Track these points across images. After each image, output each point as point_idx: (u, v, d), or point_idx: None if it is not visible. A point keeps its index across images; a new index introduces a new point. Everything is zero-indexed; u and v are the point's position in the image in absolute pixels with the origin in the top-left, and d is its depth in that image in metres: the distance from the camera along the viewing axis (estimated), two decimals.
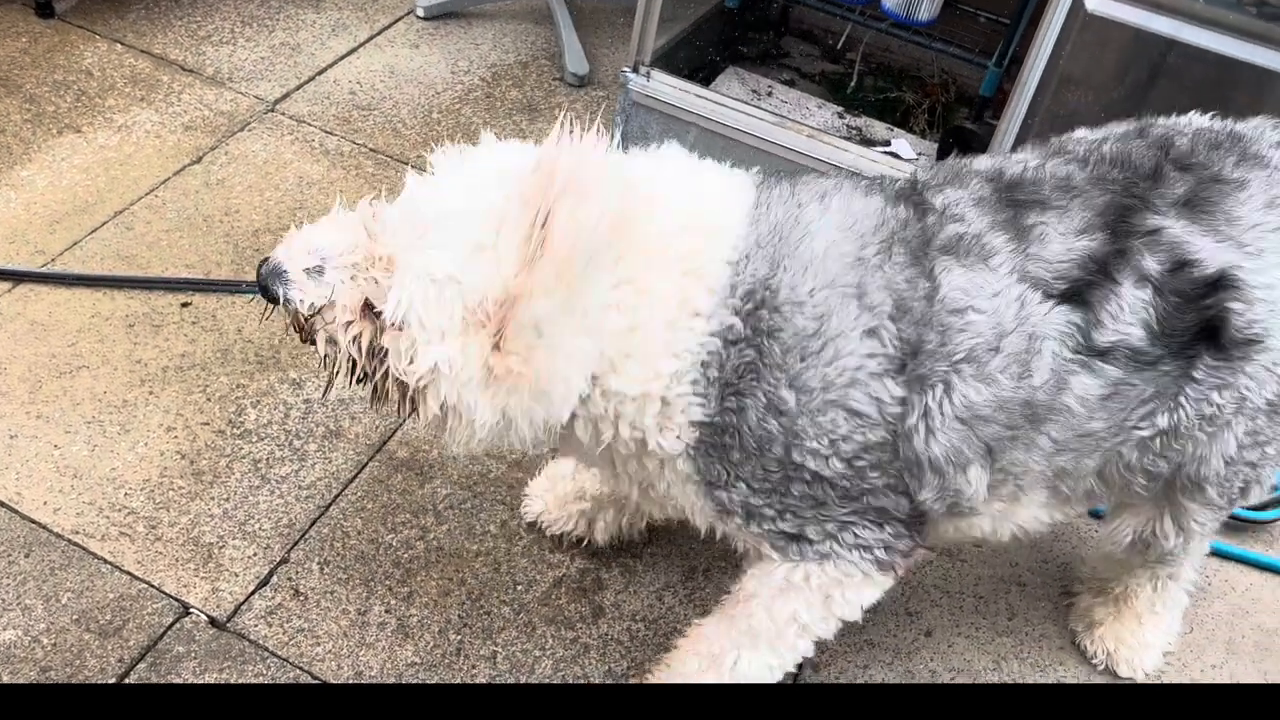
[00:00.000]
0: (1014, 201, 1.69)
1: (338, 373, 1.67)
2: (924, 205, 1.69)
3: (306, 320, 1.64)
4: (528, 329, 1.51)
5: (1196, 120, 1.85)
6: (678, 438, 1.65)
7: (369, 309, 1.59)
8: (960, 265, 1.63)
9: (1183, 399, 1.71)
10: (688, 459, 1.68)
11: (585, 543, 2.32)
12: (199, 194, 3.02)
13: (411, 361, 1.56)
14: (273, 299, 1.63)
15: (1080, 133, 1.89)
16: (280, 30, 3.67)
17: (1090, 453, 1.75)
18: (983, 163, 1.80)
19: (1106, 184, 1.70)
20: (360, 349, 1.61)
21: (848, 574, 1.76)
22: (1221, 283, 1.64)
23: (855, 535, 1.73)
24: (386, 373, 1.61)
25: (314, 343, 1.66)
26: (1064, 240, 1.64)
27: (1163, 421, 1.73)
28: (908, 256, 1.63)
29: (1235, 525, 2.56)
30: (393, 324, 1.55)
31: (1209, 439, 1.78)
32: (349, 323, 1.61)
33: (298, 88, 3.44)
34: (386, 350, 1.59)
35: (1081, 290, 1.63)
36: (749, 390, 1.61)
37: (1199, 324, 1.65)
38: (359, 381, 1.67)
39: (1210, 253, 1.65)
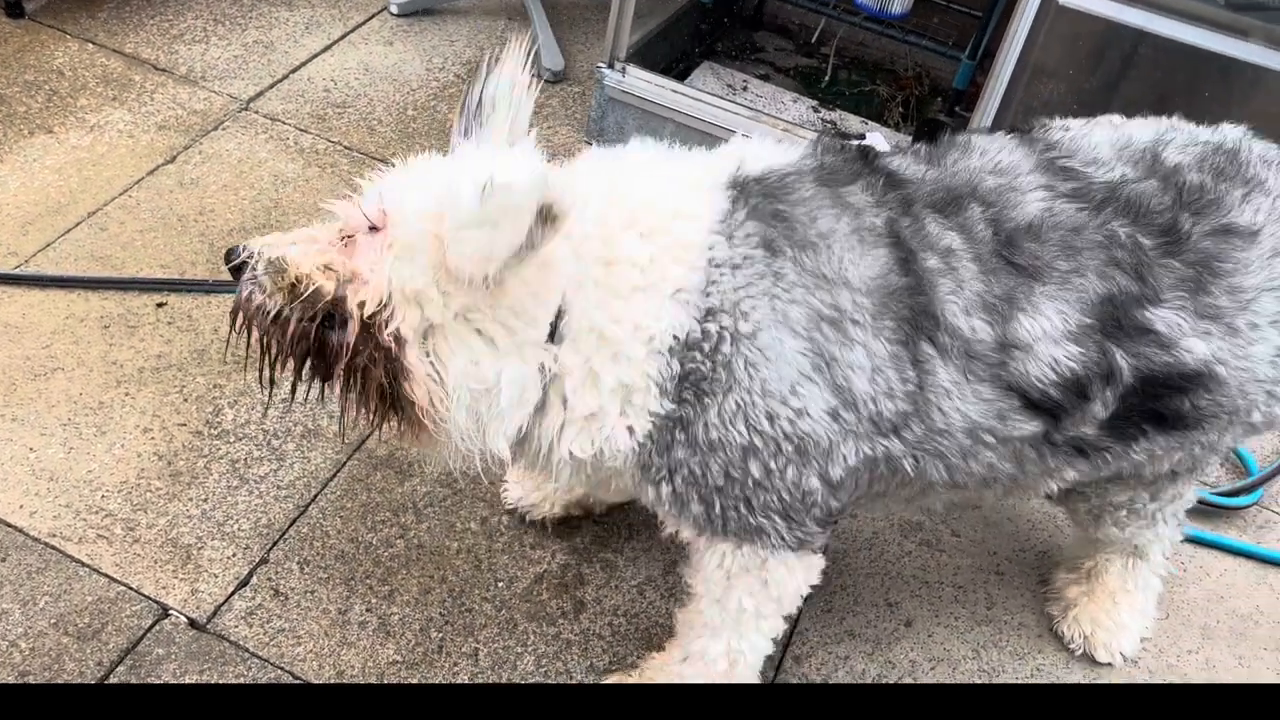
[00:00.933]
0: (1014, 267, 1.63)
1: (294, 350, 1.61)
2: (913, 262, 1.62)
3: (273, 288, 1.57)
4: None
5: (1197, 134, 1.82)
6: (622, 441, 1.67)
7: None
8: (944, 365, 1.62)
9: (1124, 463, 1.80)
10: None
11: (561, 521, 2.33)
12: (173, 194, 3.00)
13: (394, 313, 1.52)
14: (236, 263, 1.58)
15: (1098, 135, 1.80)
16: (253, 28, 3.65)
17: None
18: (988, 183, 1.70)
19: (1112, 250, 1.64)
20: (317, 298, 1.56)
21: (767, 557, 1.79)
22: (1194, 381, 1.67)
23: (773, 525, 1.74)
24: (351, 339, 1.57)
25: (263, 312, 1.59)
26: (1051, 351, 1.62)
27: (1084, 476, 1.84)
28: (900, 336, 1.61)
29: (1210, 511, 2.58)
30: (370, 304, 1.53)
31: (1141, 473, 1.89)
32: (316, 269, 1.55)
33: (271, 86, 3.43)
34: (346, 304, 1.54)
35: (1055, 410, 1.66)
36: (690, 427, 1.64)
37: (1151, 414, 1.70)
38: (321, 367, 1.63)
39: (1196, 353, 1.65)
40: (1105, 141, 1.78)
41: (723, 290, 1.58)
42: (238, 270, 1.59)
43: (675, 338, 1.58)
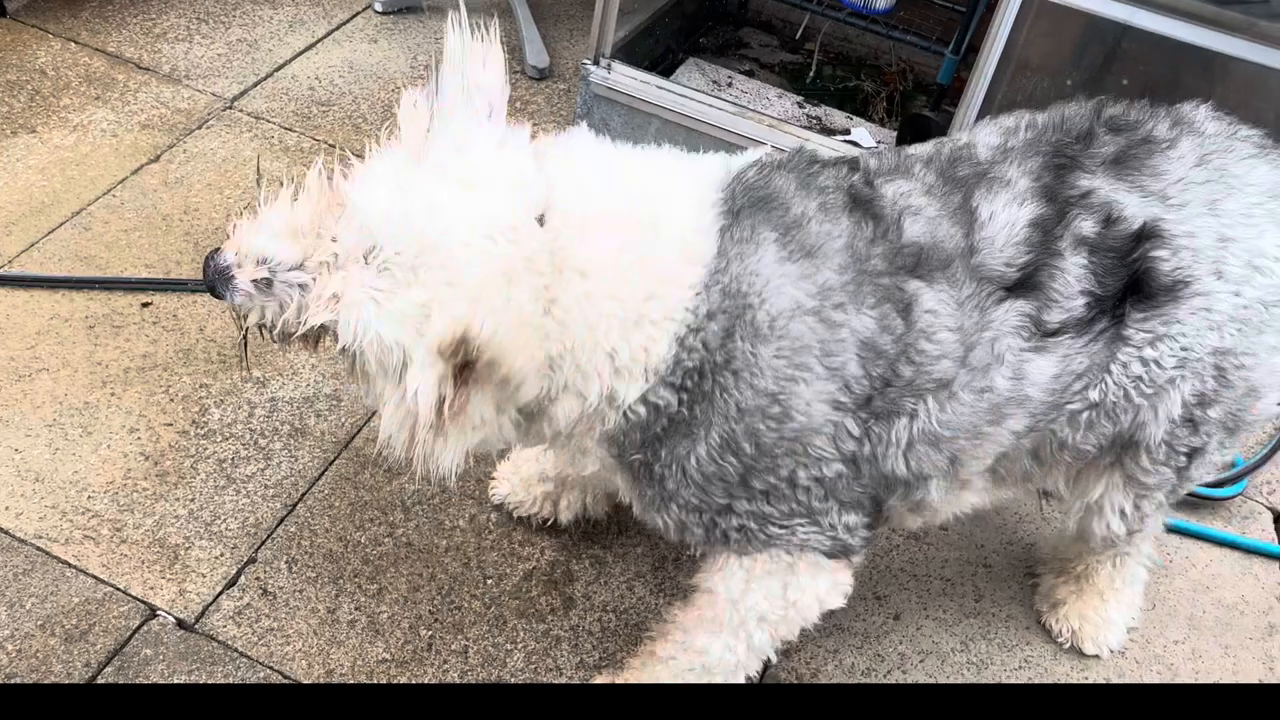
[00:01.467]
0: (957, 180, 1.70)
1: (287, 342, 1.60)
2: (878, 209, 1.66)
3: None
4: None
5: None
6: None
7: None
8: (927, 285, 1.63)
9: (1113, 365, 1.74)
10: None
11: (551, 523, 2.33)
12: (157, 193, 2.99)
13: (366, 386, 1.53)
14: (219, 297, 1.57)
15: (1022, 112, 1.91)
16: (237, 26, 3.64)
17: (1032, 433, 1.79)
18: (921, 148, 1.81)
19: (1040, 146, 1.74)
20: (310, 345, 1.58)
21: (794, 562, 1.78)
22: (1144, 234, 1.67)
23: (800, 534, 1.74)
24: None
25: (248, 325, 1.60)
26: (1007, 213, 1.66)
27: (1094, 395, 1.76)
28: (877, 295, 1.61)
29: (1195, 503, 2.60)
30: (345, 349, 1.49)
31: (1148, 400, 1.79)
32: (297, 333, 1.55)
33: (256, 84, 3.42)
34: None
35: (1032, 274, 1.65)
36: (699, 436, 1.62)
37: (1128, 279, 1.68)
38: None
39: (1135, 208, 1.68)
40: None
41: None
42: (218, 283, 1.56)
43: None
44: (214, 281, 1.55)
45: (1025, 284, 1.65)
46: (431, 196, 1.47)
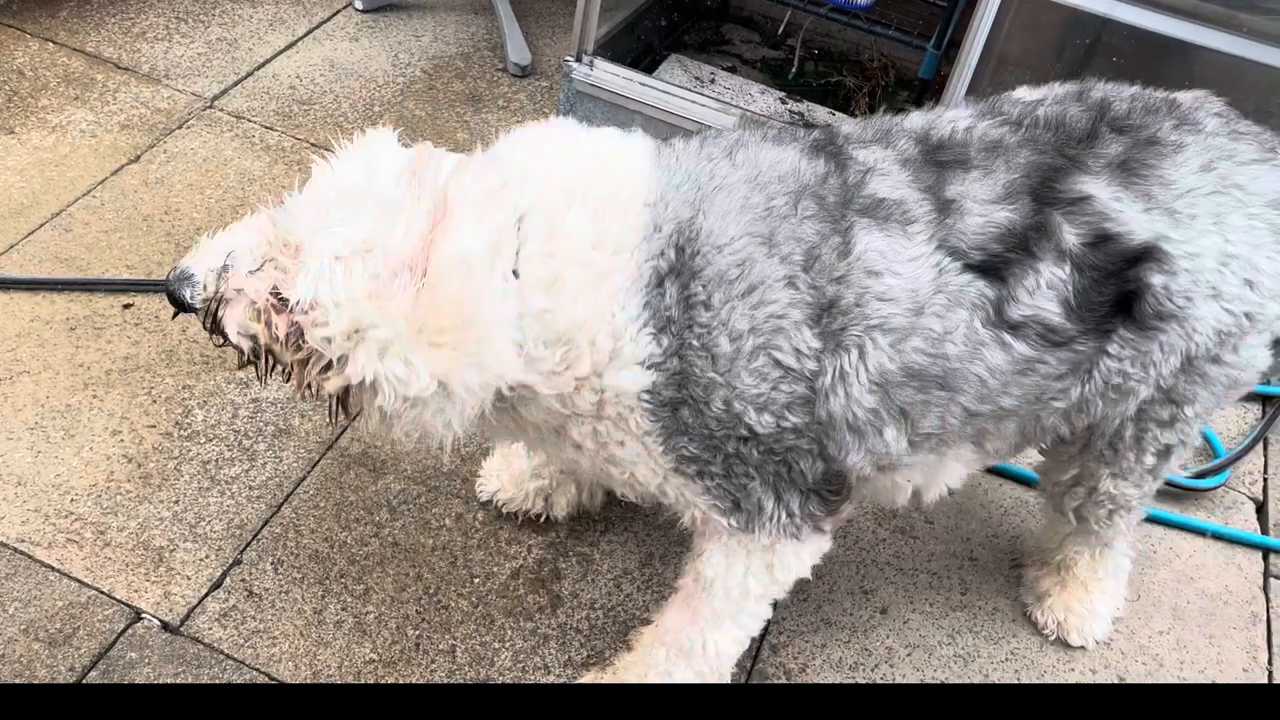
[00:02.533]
0: (939, 163, 1.69)
1: (263, 368, 1.66)
2: (844, 160, 1.68)
3: (216, 318, 1.62)
4: (455, 267, 1.50)
5: (1136, 89, 1.86)
6: (634, 377, 1.63)
7: (281, 301, 1.57)
8: (879, 229, 1.63)
9: (1095, 372, 1.75)
10: (644, 413, 1.66)
11: (543, 518, 2.33)
12: (138, 193, 2.97)
13: (328, 328, 1.53)
14: (179, 303, 1.63)
15: (1020, 92, 1.89)
16: (216, 25, 3.62)
17: (1007, 419, 1.79)
18: (915, 120, 1.80)
19: (1037, 145, 1.71)
20: (275, 337, 1.59)
21: (779, 539, 1.78)
22: (1146, 256, 1.66)
23: (780, 501, 1.74)
24: (308, 361, 1.58)
25: (228, 340, 1.64)
26: (984, 210, 1.64)
27: (1075, 394, 1.78)
28: (818, 209, 1.62)
29: (1178, 494, 2.61)
30: (301, 306, 1.54)
31: (1114, 404, 1.82)
32: (259, 310, 1.59)
33: (236, 83, 3.40)
34: (303, 334, 1.56)
35: (998, 266, 1.64)
36: (686, 334, 1.60)
37: (1117, 297, 1.67)
38: (285, 378, 1.65)
39: (1139, 223, 1.66)
40: (1028, 91, 1.88)
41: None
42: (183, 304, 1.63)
43: None
44: (174, 288, 1.62)
45: (991, 271, 1.64)
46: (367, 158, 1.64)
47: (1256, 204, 1.72)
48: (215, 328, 1.64)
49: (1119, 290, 1.67)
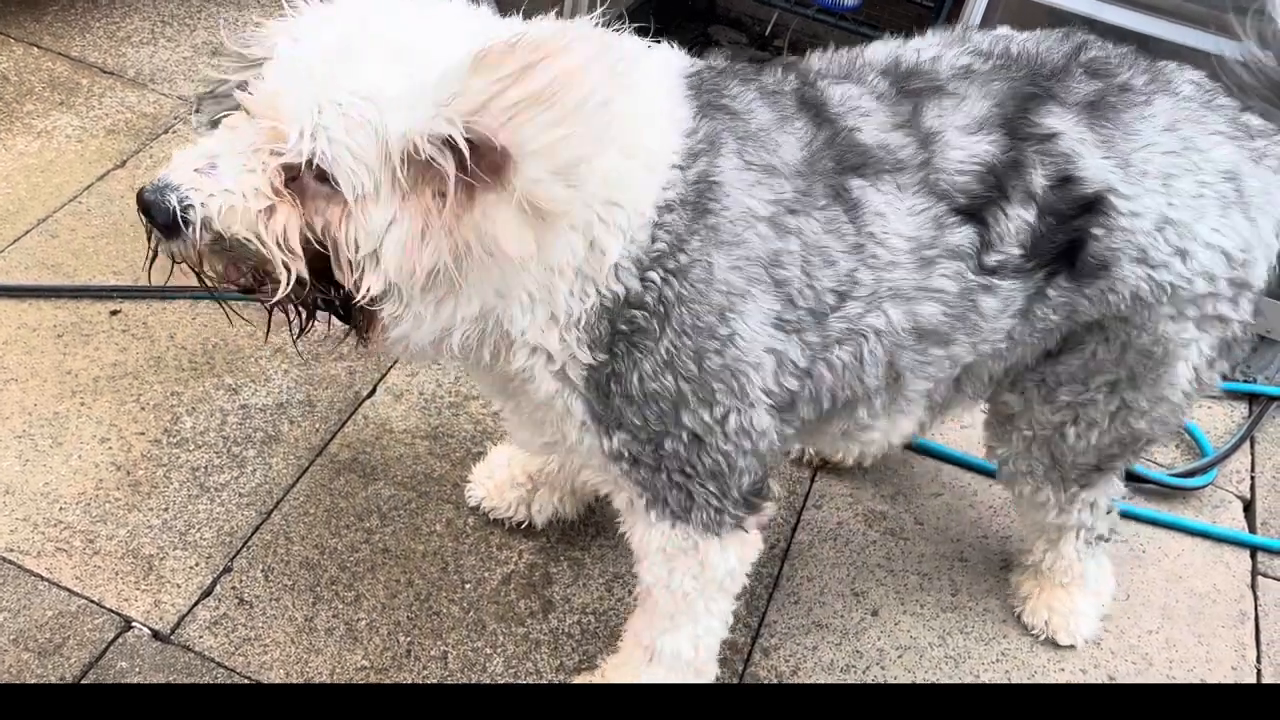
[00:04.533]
0: (911, 92, 1.67)
1: (285, 296, 1.46)
2: (824, 111, 1.64)
3: (214, 242, 1.43)
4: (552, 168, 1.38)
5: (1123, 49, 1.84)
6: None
7: (285, 183, 1.40)
8: (875, 189, 1.61)
9: (1030, 314, 1.75)
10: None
11: (526, 526, 2.33)
12: (124, 199, 2.95)
13: (361, 221, 1.38)
14: (165, 218, 1.40)
15: (1002, 30, 1.86)
16: (202, 29, 3.60)
17: (978, 366, 1.81)
18: (877, 52, 1.76)
19: (1009, 72, 1.70)
20: (287, 240, 1.41)
21: (698, 540, 1.79)
22: (1095, 205, 1.66)
23: (706, 500, 1.74)
24: (328, 273, 1.45)
25: (222, 271, 1.49)
26: (963, 140, 1.63)
27: (1016, 333, 1.78)
28: (829, 195, 1.60)
29: (1166, 493, 2.63)
30: (308, 163, 1.36)
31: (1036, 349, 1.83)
32: (268, 208, 1.40)
33: None
34: (325, 228, 1.41)
35: (980, 209, 1.64)
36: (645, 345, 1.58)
37: (1065, 244, 1.68)
38: (305, 304, 1.51)
39: (1095, 169, 1.65)
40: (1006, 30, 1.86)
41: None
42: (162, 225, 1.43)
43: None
44: (152, 199, 1.41)
45: (974, 215, 1.64)
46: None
47: (1210, 171, 1.70)
48: (208, 261, 1.46)
49: (1067, 238, 1.67)
